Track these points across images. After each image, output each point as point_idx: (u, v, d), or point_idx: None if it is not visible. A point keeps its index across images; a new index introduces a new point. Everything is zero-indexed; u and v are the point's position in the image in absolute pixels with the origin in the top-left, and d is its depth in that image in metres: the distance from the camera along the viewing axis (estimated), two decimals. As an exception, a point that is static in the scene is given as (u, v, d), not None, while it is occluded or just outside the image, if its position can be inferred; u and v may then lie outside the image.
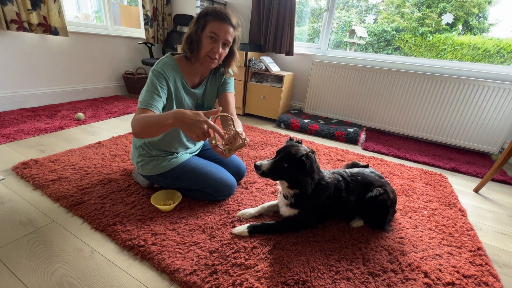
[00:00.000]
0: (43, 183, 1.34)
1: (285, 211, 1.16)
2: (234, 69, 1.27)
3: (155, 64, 1.13)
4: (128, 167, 1.58)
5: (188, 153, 1.37)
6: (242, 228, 1.11)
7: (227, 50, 1.16)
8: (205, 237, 1.08)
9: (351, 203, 1.18)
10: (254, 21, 2.97)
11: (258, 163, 1.04)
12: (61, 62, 2.69)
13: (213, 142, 0.97)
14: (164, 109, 1.14)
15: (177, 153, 1.30)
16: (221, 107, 1.05)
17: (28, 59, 2.43)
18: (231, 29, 1.10)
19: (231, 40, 1.13)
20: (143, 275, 0.91)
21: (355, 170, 1.26)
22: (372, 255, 1.06)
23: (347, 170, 1.25)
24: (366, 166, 1.35)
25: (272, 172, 1.04)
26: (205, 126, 0.84)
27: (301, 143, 1.13)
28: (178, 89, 1.16)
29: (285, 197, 1.13)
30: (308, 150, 1.07)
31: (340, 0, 3.07)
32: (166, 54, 1.17)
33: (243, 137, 0.99)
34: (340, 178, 1.17)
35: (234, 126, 1.03)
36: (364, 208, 1.20)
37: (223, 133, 0.90)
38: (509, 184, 1.89)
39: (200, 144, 1.46)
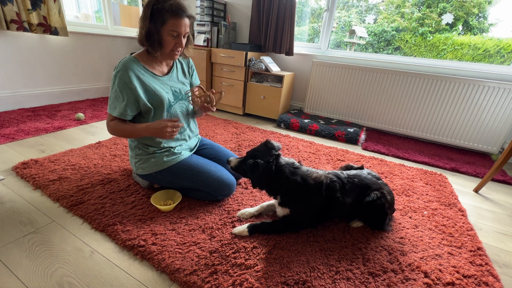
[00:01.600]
0: (43, 183, 1.34)
1: (280, 211, 1.16)
2: (190, 51, 1.31)
3: (116, 66, 1.14)
4: (128, 167, 1.58)
5: (187, 150, 1.37)
6: (242, 228, 1.11)
7: (186, 38, 1.20)
8: (205, 237, 1.08)
9: (347, 205, 1.16)
10: (254, 21, 2.97)
11: (229, 159, 1.20)
12: (61, 62, 2.69)
13: (198, 100, 1.29)
14: (139, 106, 1.17)
15: (173, 149, 1.30)
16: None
17: (28, 59, 2.43)
18: (188, 21, 1.14)
19: (188, 30, 1.17)
20: (143, 275, 0.91)
21: (352, 172, 1.25)
22: (372, 255, 1.07)
23: (344, 172, 1.24)
24: (361, 168, 1.34)
25: (237, 170, 1.18)
26: (169, 129, 1.12)
27: (276, 150, 1.13)
28: (146, 84, 1.16)
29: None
30: (274, 156, 1.10)
31: (340, 0, 3.07)
32: (126, 55, 1.18)
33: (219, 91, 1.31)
34: (335, 179, 1.15)
35: (204, 89, 1.34)
36: (362, 212, 1.19)
37: (181, 124, 1.19)
38: (509, 184, 1.89)
39: (196, 140, 1.47)
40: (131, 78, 1.11)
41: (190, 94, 1.34)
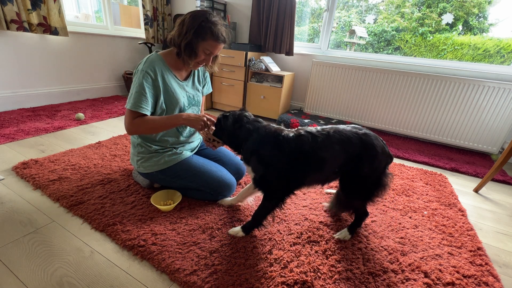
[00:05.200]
0: (43, 183, 1.34)
1: (249, 172, 1.09)
2: (215, 68, 1.33)
3: (142, 62, 1.16)
4: (128, 167, 1.58)
5: (188, 150, 1.38)
6: (237, 229, 1.12)
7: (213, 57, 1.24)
8: (205, 237, 1.08)
9: (325, 161, 0.99)
10: (254, 21, 2.96)
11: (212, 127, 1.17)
12: (61, 62, 2.69)
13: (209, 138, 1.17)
14: (156, 106, 1.19)
15: (175, 149, 1.31)
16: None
17: (28, 59, 2.43)
18: (223, 45, 1.19)
19: (219, 52, 1.22)
20: (143, 275, 0.91)
21: (327, 126, 1.06)
22: (372, 255, 1.06)
23: (318, 127, 1.06)
24: None
25: (216, 134, 1.14)
26: (203, 122, 1.13)
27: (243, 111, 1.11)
28: (167, 84, 1.19)
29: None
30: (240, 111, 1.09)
31: (340, 0, 3.07)
32: (152, 53, 1.21)
33: None
34: (303, 133, 1.00)
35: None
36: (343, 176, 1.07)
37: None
38: (509, 184, 1.89)
39: (198, 141, 1.47)
40: (157, 76, 1.14)
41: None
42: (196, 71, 1.36)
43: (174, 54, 1.19)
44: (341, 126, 1.05)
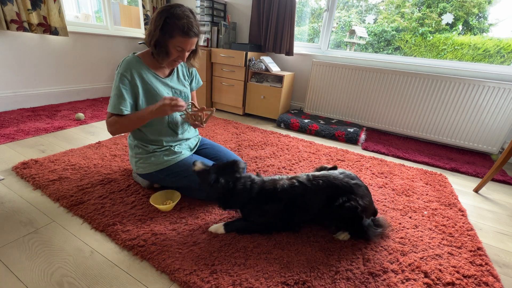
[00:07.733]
0: (43, 183, 1.34)
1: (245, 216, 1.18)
2: (195, 64, 1.32)
3: (119, 65, 1.15)
4: (128, 167, 1.58)
5: (187, 149, 1.38)
6: (218, 226, 1.12)
7: (190, 52, 1.21)
8: (205, 237, 1.08)
9: (311, 208, 1.12)
10: (254, 21, 2.96)
11: (195, 161, 1.15)
12: (61, 62, 2.69)
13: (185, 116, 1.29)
14: (137, 106, 1.19)
15: (172, 147, 1.31)
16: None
17: (28, 59, 2.43)
18: (196, 39, 1.16)
19: (194, 46, 1.19)
20: (143, 275, 0.91)
21: (319, 173, 1.18)
22: (372, 255, 1.07)
23: (310, 174, 1.17)
24: (334, 168, 1.28)
25: (199, 175, 1.13)
26: (167, 101, 1.08)
27: (239, 173, 1.12)
28: (147, 82, 1.18)
29: None
30: (235, 178, 1.10)
31: (340, 0, 3.07)
32: (129, 54, 1.19)
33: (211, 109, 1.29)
34: (296, 183, 1.12)
35: (196, 105, 1.37)
36: (334, 217, 1.13)
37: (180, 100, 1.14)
38: (509, 184, 1.89)
39: (195, 139, 1.47)
40: (134, 77, 1.13)
41: (187, 108, 1.32)
42: (179, 65, 1.34)
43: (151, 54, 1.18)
44: (335, 174, 1.16)
